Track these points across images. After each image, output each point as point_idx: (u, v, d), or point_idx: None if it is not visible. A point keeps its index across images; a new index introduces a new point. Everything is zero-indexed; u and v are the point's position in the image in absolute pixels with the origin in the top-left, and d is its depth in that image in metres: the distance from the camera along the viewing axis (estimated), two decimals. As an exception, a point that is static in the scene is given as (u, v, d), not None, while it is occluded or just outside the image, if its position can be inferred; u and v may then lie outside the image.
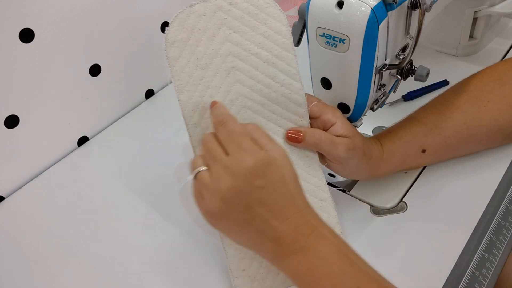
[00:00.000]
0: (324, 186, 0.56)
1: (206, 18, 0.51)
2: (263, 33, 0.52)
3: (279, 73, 0.53)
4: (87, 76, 0.74)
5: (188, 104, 0.52)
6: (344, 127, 0.55)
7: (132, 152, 0.75)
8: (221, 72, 0.52)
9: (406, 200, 0.63)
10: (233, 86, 0.52)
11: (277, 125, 0.54)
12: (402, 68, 0.57)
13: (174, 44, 0.51)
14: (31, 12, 0.64)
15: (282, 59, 0.53)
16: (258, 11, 0.51)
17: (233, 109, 0.53)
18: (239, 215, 0.46)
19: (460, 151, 0.65)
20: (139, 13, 0.77)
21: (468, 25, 0.82)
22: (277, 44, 0.52)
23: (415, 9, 0.54)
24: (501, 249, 0.57)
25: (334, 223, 0.56)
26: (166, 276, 0.58)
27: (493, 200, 0.61)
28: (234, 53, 0.52)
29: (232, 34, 0.51)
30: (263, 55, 0.52)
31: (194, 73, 0.52)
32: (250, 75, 0.53)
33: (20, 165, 0.71)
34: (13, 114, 0.67)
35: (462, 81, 0.66)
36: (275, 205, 0.45)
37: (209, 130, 0.52)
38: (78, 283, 0.58)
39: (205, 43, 0.51)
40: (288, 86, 0.53)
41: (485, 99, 0.62)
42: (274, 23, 0.52)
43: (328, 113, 0.55)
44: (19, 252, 0.62)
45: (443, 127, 0.61)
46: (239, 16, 0.51)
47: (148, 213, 0.65)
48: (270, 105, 0.54)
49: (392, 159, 0.60)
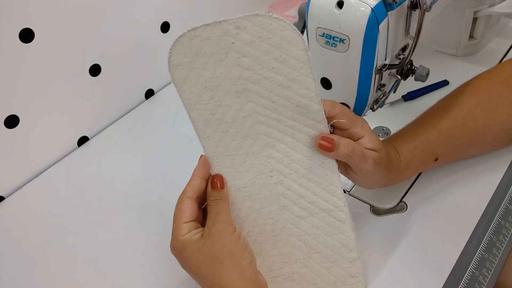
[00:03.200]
0: (344, 207, 0.53)
1: (211, 43, 0.46)
2: (277, 58, 0.47)
3: (296, 95, 0.49)
4: (87, 76, 0.74)
5: (199, 120, 0.49)
6: (372, 141, 0.53)
7: (132, 152, 0.75)
8: (232, 94, 0.48)
9: (406, 200, 0.63)
10: (245, 105, 0.49)
11: (294, 139, 0.51)
12: (402, 68, 0.57)
13: (179, 67, 0.47)
14: (31, 12, 0.64)
15: (299, 83, 0.48)
16: (271, 35, 0.46)
17: (247, 124, 0.50)
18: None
19: (467, 155, 0.66)
20: (139, 13, 0.77)
21: (468, 25, 0.82)
22: (293, 69, 0.48)
23: (415, 9, 0.54)
24: (501, 249, 0.57)
25: (352, 246, 0.53)
26: (166, 276, 0.58)
27: (493, 200, 0.61)
28: (245, 77, 0.48)
29: (241, 58, 0.47)
30: (278, 79, 0.48)
31: (203, 94, 0.48)
32: (264, 96, 0.49)
33: (20, 165, 0.71)
34: (13, 114, 0.67)
35: (469, 82, 0.65)
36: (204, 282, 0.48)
37: (223, 143, 0.50)
38: (78, 283, 0.58)
39: (212, 66, 0.47)
40: (305, 107, 0.49)
41: (495, 103, 0.62)
42: (289, 47, 0.47)
43: (357, 125, 0.52)
44: (19, 252, 0.62)
45: (456, 135, 0.61)
46: (249, 41, 0.46)
47: (148, 212, 0.65)
48: (286, 121, 0.50)
49: (408, 168, 0.59)
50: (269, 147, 0.51)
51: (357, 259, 0.53)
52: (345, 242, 0.53)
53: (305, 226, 0.53)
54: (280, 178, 0.52)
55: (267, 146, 0.51)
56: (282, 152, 0.51)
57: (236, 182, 0.52)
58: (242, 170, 0.51)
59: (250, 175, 0.52)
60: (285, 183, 0.52)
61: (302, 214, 0.52)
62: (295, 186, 0.52)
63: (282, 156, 0.51)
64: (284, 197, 0.52)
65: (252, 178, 0.52)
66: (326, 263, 0.53)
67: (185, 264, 0.49)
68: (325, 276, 0.53)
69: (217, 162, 0.51)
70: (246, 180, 0.52)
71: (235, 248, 0.48)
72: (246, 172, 0.51)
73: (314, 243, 0.53)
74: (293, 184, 0.52)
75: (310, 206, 0.52)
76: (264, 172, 0.52)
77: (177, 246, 0.49)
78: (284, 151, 0.51)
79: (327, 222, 0.53)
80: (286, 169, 0.52)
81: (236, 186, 0.52)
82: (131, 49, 0.78)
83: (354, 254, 0.53)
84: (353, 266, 0.53)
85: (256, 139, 0.51)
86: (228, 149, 0.51)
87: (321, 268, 0.53)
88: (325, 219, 0.53)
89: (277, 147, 0.51)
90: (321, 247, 0.53)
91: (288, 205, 0.52)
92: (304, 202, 0.52)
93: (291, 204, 0.52)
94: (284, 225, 0.53)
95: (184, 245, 0.48)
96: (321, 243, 0.53)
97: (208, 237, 0.48)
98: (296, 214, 0.52)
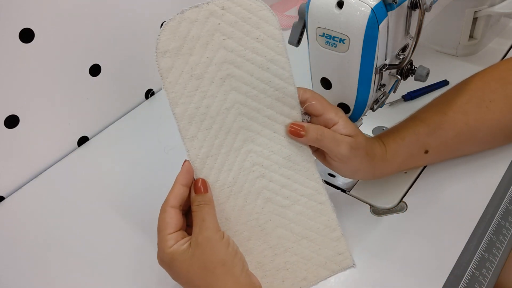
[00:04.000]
0: (322, 189, 0.56)
1: (198, 25, 0.49)
2: (257, 37, 0.51)
3: (274, 77, 0.52)
4: (87, 76, 0.74)
5: (183, 117, 0.50)
6: (347, 127, 0.54)
7: (132, 152, 0.75)
8: (217, 81, 0.51)
9: (406, 200, 0.63)
10: (229, 94, 0.51)
11: (272, 130, 0.54)
12: (402, 68, 0.57)
13: (166, 54, 0.49)
14: (31, 12, 0.64)
15: (276, 63, 0.52)
16: (251, 15, 0.50)
17: (229, 117, 0.52)
18: None
19: (462, 151, 0.65)
20: (139, 13, 0.77)
21: (468, 25, 0.82)
22: (270, 48, 0.51)
23: (415, 9, 0.54)
24: (501, 249, 0.57)
25: (334, 225, 0.56)
26: (166, 275, 0.58)
27: (493, 200, 0.61)
28: (229, 60, 0.51)
29: (226, 40, 0.50)
30: (258, 60, 0.51)
31: (188, 84, 0.50)
32: (245, 82, 0.52)
33: (20, 165, 0.71)
34: (13, 114, 0.67)
35: (463, 81, 0.65)
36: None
37: (207, 143, 0.52)
38: (78, 283, 0.58)
39: (199, 51, 0.50)
40: (283, 90, 0.53)
41: (487, 99, 0.62)
42: (267, 26, 0.51)
43: (330, 112, 0.54)
44: (19, 252, 0.62)
45: (446, 128, 0.61)
46: (233, 21, 0.50)
47: (148, 212, 0.65)
48: (265, 110, 0.53)
49: (395, 159, 0.60)
50: (250, 141, 0.53)
51: (341, 236, 0.56)
52: (328, 223, 0.56)
53: (290, 215, 0.55)
54: (262, 172, 0.54)
55: (247, 140, 0.53)
56: (262, 145, 0.54)
57: (220, 183, 0.53)
58: (225, 169, 0.53)
59: (233, 173, 0.53)
60: (267, 175, 0.54)
61: (285, 204, 0.55)
62: (276, 176, 0.54)
63: (262, 149, 0.54)
64: (267, 190, 0.54)
65: (235, 175, 0.53)
66: (314, 246, 0.56)
67: (176, 276, 0.49)
68: (315, 260, 0.56)
69: (200, 164, 0.52)
70: (230, 178, 0.53)
71: (225, 256, 0.47)
72: (229, 171, 0.53)
73: (300, 229, 0.55)
74: (274, 175, 0.54)
75: (292, 194, 0.55)
76: (246, 167, 0.53)
77: (165, 258, 0.48)
78: (263, 144, 0.54)
79: (309, 207, 0.56)
80: (267, 161, 0.54)
81: (220, 187, 0.53)
82: (131, 49, 0.78)
83: (337, 232, 0.56)
84: (339, 244, 0.56)
85: (237, 134, 0.53)
86: (211, 149, 0.52)
87: (310, 253, 0.56)
88: (307, 204, 0.55)
89: (257, 140, 0.53)
90: (308, 232, 0.56)
91: (272, 197, 0.54)
92: (286, 191, 0.55)
93: (274, 195, 0.54)
94: (270, 218, 0.54)
95: (172, 257, 0.47)
96: (307, 228, 0.56)
97: (196, 247, 0.47)
98: (280, 205, 0.55)
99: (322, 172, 0.65)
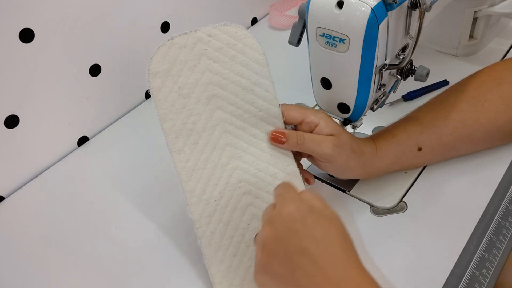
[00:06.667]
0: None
1: (187, 50, 0.53)
2: (242, 62, 0.54)
3: (258, 99, 0.54)
4: (87, 76, 0.74)
5: (171, 131, 0.53)
6: (329, 126, 0.55)
7: (132, 152, 0.75)
8: (203, 100, 0.54)
9: (406, 200, 0.63)
10: (214, 112, 0.54)
11: (258, 149, 0.55)
12: (402, 68, 0.58)
13: (157, 75, 0.53)
14: (31, 12, 0.64)
15: (260, 86, 0.54)
16: (236, 41, 0.53)
17: (215, 134, 0.54)
18: (279, 268, 0.43)
19: (458, 150, 0.65)
20: (139, 13, 0.77)
21: (468, 25, 0.82)
22: (255, 72, 0.54)
23: (415, 9, 0.54)
24: (501, 249, 0.57)
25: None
26: (166, 275, 0.58)
27: (493, 200, 0.61)
28: (215, 82, 0.53)
29: (212, 64, 0.53)
30: (242, 82, 0.54)
31: (176, 102, 0.53)
32: (230, 102, 0.54)
33: (20, 165, 0.71)
34: (13, 114, 0.67)
35: (459, 82, 0.66)
36: (320, 259, 0.41)
37: (193, 156, 0.54)
38: (78, 283, 0.58)
39: (187, 73, 0.53)
40: (267, 111, 0.55)
41: (483, 98, 0.62)
42: (251, 52, 0.54)
43: (310, 115, 0.55)
44: (19, 252, 0.62)
45: (439, 125, 0.62)
46: (219, 47, 0.53)
47: (148, 212, 0.65)
48: (250, 129, 0.55)
49: (386, 156, 0.60)
50: (236, 158, 0.55)
51: None
52: None
53: None
54: (248, 188, 0.55)
55: (233, 157, 0.55)
56: (248, 163, 0.55)
57: (206, 196, 0.54)
58: (212, 183, 0.54)
59: (219, 188, 0.54)
60: (253, 192, 0.55)
61: None
62: (262, 194, 0.55)
63: (248, 166, 0.55)
64: (253, 207, 0.55)
65: (222, 190, 0.54)
66: None
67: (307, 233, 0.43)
68: None
69: (187, 177, 0.54)
70: (216, 193, 0.54)
71: None
72: (215, 185, 0.54)
73: None
74: (260, 193, 0.55)
75: None
76: (233, 183, 0.55)
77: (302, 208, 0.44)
78: (250, 161, 0.55)
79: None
80: (253, 179, 0.55)
81: (206, 200, 0.54)
82: (131, 49, 0.78)
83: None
84: None
85: (223, 151, 0.55)
86: (197, 162, 0.54)
87: None
88: None
89: (243, 158, 0.55)
90: None
91: (258, 214, 0.55)
92: None
93: (260, 212, 0.54)
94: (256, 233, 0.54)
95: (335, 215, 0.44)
96: None
97: None
98: None
99: (322, 172, 0.65)
